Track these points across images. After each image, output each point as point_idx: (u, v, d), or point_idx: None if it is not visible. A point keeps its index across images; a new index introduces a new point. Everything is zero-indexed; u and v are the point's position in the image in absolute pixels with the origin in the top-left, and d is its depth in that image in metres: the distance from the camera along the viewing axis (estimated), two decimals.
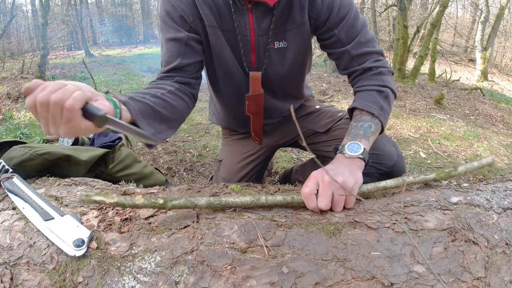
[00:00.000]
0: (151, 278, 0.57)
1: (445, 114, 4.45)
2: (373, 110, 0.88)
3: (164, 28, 0.96)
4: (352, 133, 0.86)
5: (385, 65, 0.98)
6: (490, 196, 0.75)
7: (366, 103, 0.90)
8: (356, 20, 0.96)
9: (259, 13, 0.94)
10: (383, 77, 0.95)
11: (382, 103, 0.90)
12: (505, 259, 0.64)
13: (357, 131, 0.85)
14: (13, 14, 8.25)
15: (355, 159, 0.79)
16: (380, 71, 0.95)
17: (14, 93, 5.31)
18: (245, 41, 0.98)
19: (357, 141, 0.82)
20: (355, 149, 0.80)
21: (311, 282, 0.58)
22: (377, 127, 0.87)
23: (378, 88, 0.93)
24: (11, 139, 1.00)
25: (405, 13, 6.19)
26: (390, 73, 0.98)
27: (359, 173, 0.75)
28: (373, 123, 0.87)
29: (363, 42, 0.96)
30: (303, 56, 1.07)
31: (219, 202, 0.68)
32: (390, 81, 0.95)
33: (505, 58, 14.51)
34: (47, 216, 0.65)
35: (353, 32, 0.96)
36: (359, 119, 0.89)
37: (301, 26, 0.97)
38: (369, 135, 0.85)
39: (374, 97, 0.91)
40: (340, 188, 0.68)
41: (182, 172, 2.20)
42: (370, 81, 0.95)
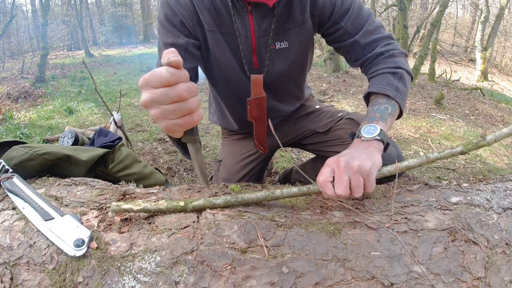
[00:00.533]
0: (151, 278, 0.57)
1: (445, 114, 4.45)
2: (388, 92, 0.86)
3: (162, 32, 0.95)
4: (368, 117, 0.83)
5: (397, 47, 0.96)
6: (490, 196, 0.75)
7: (381, 86, 0.88)
8: (361, 10, 0.95)
9: (259, 14, 0.93)
10: (395, 59, 0.93)
11: (397, 84, 0.88)
12: (505, 259, 0.64)
13: (373, 114, 0.83)
14: (13, 14, 8.25)
15: (372, 142, 0.76)
16: (392, 53, 0.94)
17: (14, 93, 5.31)
18: (246, 43, 0.98)
19: (374, 123, 0.80)
20: (371, 131, 0.78)
21: (311, 282, 0.58)
22: (394, 108, 0.85)
23: (391, 70, 0.91)
24: (11, 139, 1.00)
25: (405, 13, 6.18)
26: (403, 55, 0.96)
27: (377, 155, 0.72)
28: (390, 105, 0.85)
29: (371, 30, 0.95)
30: (305, 55, 1.07)
31: (235, 200, 0.69)
32: (403, 62, 0.93)
33: (505, 58, 14.51)
34: (47, 216, 0.65)
35: (359, 22, 0.95)
36: (375, 102, 0.87)
37: (302, 25, 0.97)
38: (386, 116, 0.82)
39: (388, 79, 0.89)
40: (356, 172, 0.65)
41: (182, 172, 2.20)
42: (383, 65, 0.93)
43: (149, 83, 0.51)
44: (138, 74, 7.75)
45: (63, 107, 4.45)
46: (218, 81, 1.09)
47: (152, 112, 0.53)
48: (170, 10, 0.92)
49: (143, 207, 0.66)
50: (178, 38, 0.93)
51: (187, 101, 0.53)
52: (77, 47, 16.39)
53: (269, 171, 2.08)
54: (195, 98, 0.54)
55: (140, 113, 3.98)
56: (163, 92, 0.51)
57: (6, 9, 12.04)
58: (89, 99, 5.02)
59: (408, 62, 0.97)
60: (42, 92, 5.63)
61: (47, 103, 4.96)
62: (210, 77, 1.11)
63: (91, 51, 12.98)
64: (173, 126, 0.55)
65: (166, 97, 0.51)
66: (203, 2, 0.92)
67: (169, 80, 0.51)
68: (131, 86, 6.09)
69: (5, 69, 9.04)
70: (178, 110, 0.53)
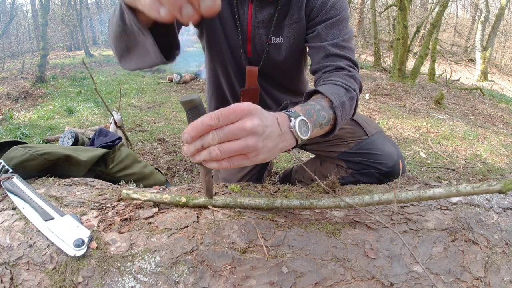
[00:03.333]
0: (151, 278, 0.57)
1: (445, 114, 4.45)
2: (333, 99, 0.76)
3: None
4: (307, 109, 0.70)
5: (358, 77, 0.90)
6: (490, 196, 0.75)
7: (330, 91, 0.79)
8: (342, 25, 0.95)
9: (258, 4, 0.95)
10: (355, 82, 0.87)
11: (345, 100, 0.79)
12: (505, 259, 0.64)
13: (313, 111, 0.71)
14: (13, 14, 8.25)
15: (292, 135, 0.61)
16: (354, 76, 0.88)
17: (14, 93, 5.31)
18: (242, 30, 1.00)
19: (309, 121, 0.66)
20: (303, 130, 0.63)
21: (311, 282, 0.58)
22: (329, 121, 0.74)
23: (346, 87, 0.83)
24: (11, 139, 1.00)
25: (405, 13, 6.18)
26: (361, 86, 0.91)
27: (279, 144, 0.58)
28: (327, 114, 0.73)
29: (342, 46, 0.93)
30: (300, 53, 1.08)
31: (234, 203, 0.71)
32: (358, 92, 0.88)
33: (505, 58, 14.51)
34: (47, 216, 0.65)
35: (335, 33, 0.94)
36: (318, 102, 0.75)
37: (297, 22, 0.98)
38: (317, 125, 0.70)
39: (340, 91, 0.81)
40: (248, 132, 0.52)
41: (182, 172, 2.20)
42: (341, 79, 0.86)
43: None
44: (138, 74, 7.75)
45: (63, 107, 4.45)
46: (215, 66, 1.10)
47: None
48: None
49: (149, 197, 0.71)
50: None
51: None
52: (77, 47, 16.39)
53: (269, 171, 2.08)
54: None
55: (140, 113, 3.98)
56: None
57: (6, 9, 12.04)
58: (89, 99, 5.02)
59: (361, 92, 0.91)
60: (42, 92, 5.63)
61: (47, 103, 4.96)
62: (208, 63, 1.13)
63: (91, 51, 12.99)
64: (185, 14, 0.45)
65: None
66: None
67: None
68: (131, 86, 6.09)
69: (5, 69, 9.04)
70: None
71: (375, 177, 1.01)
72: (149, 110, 4.17)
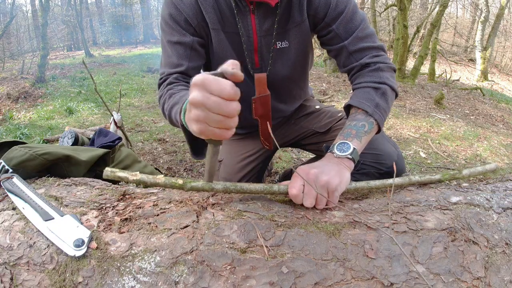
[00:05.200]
0: (151, 278, 0.57)
1: (445, 114, 4.45)
2: (367, 107, 0.85)
3: (167, 31, 0.95)
4: (344, 132, 0.83)
5: (385, 61, 0.94)
6: (490, 196, 0.75)
7: (361, 100, 0.87)
8: (354, 15, 0.94)
9: (261, 14, 0.94)
10: (381, 73, 0.91)
11: (378, 100, 0.87)
12: (505, 259, 0.64)
13: (350, 130, 0.83)
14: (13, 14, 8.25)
15: (344, 159, 0.77)
16: (378, 67, 0.92)
17: (14, 93, 5.31)
18: (248, 42, 0.98)
19: (348, 140, 0.80)
20: (345, 148, 0.79)
21: (311, 282, 0.58)
22: (372, 126, 0.84)
23: (374, 85, 0.89)
24: (11, 139, 1.00)
25: (405, 13, 6.18)
26: (389, 69, 0.93)
27: (346, 173, 0.74)
28: (367, 122, 0.84)
29: (361, 37, 0.94)
30: (305, 55, 1.07)
31: (234, 187, 0.71)
32: (389, 78, 0.91)
33: (505, 58, 14.51)
34: (47, 216, 0.65)
35: (351, 27, 0.94)
36: (353, 118, 0.86)
37: (301, 25, 0.97)
38: (361, 135, 0.82)
39: (370, 94, 0.88)
40: (323, 187, 0.69)
41: (182, 172, 2.20)
42: (367, 78, 0.91)
43: (209, 87, 0.51)
44: (138, 74, 7.75)
45: (63, 107, 4.45)
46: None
47: (196, 113, 0.53)
48: (175, 9, 0.92)
49: (139, 177, 0.64)
50: (184, 37, 0.93)
51: (233, 118, 0.54)
52: (77, 47, 16.40)
53: (269, 171, 2.09)
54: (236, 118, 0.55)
55: (140, 113, 3.98)
56: (218, 102, 0.51)
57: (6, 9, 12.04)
58: (89, 99, 5.02)
59: (394, 77, 0.94)
60: (42, 93, 5.63)
61: (47, 103, 4.96)
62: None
63: (91, 51, 12.99)
64: (208, 132, 0.55)
65: (219, 108, 0.51)
66: (208, 0, 0.92)
67: (230, 96, 0.51)
68: (131, 86, 6.09)
69: (5, 69, 9.05)
70: (221, 123, 0.53)
71: (375, 177, 1.01)
72: (149, 110, 4.17)
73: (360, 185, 0.77)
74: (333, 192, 0.69)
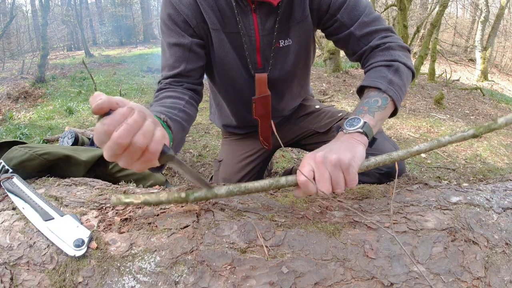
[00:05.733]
0: (151, 278, 0.57)
1: (445, 114, 4.45)
2: (379, 84, 0.81)
3: (166, 32, 0.94)
4: (356, 110, 0.79)
5: (396, 40, 0.91)
6: (490, 196, 0.75)
7: (373, 79, 0.84)
8: (358, 1, 0.93)
9: (262, 13, 0.93)
10: (392, 51, 0.88)
11: (391, 77, 0.82)
12: (505, 259, 0.64)
13: (362, 108, 0.78)
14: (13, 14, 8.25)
15: (354, 134, 0.71)
16: (388, 46, 0.89)
17: (14, 93, 5.31)
18: (250, 42, 0.98)
19: (359, 116, 0.75)
20: (355, 123, 0.73)
21: (311, 282, 0.58)
22: (386, 101, 0.79)
23: (386, 63, 0.86)
24: (11, 139, 1.00)
25: (405, 13, 6.18)
26: (401, 48, 0.90)
27: (359, 146, 0.67)
28: (381, 97, 0.79)
29: (367, 21, 0.92)
30: (307, 51, 1.07)
31: (238, 189, 0.64)
32: (401, 55, 0.88)
33: (505, 58, 14.51)
34: (47, 216, 0.65)
35: (355, 13, 0.92)
36: (366, 96, 0.82)
37: (303, 21, 0.97)
38: (374, 110, 0.77)
39: (382, 72, 0.84)
40: (335, 166, 0.61)
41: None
42: (378, 58, 0.89)
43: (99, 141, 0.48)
44: (138, 74, 7.75)
45: (63, 107, 4.45)
46: (220, 81, 1.09)
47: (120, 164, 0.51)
48: (173, 9, 0.91)
49: (143, 200, 0.63)
50: (182, 38, 0.92)
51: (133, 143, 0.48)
52: (77, 47, 16.40)
53: (269, 171, 2.08)
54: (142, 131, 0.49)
55: None
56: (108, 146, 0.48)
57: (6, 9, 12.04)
58: (89, 99, 5.01)
59: (409, 57, 0.91)
60: (42, 93, 5.63)
61: (47, 103, 4.96)
62: (212, 77, 1.11)
63: (91, 51, 12.99)
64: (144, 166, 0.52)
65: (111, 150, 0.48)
66: (207, 0, 0.91)
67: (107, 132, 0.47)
68: (131, 86, 6.09)
69: (5, 69, 9.05)
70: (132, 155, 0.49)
71: (375, 177, 1.01)
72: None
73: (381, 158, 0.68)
74: (347, 169, 0.61)
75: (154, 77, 7.11)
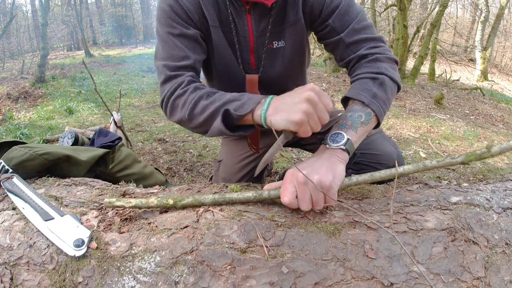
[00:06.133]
0: (151, 278, 0.57)
1: (445, 114, 4.45)
2: (363, 98, 0.81)
3: (168, 23, 0.90)
4: (339, 123, 0.80)
5: (383, 52, 0.90)
6: (490, 196, 0.75)
7: (357, 91, 0.83)
8: (350, 7, 0.92)
9: (257, 14, 0.93)
10: (379, 63, 0.87)
11: (375, 90, 0.82)
12: (505, 259, 0.64)
13: (345, 121, 0.79)
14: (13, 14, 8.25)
15: (337, 151, 0.73)
16: (376, 57, 0.88)
17: (14, 93, 5.31)
18: (244, 42, 0.97)
19: (343, 131, 0.76)
20: (338, 139, 0.75)
21: (311, 282, 0.58)
22: (369, 117, 0.80)
23: (371, 75, 0.85)
24: (11, 139, 1.00)
25: (405, 13, 6.18)
26: (389, 60, 0.90)
27: (339, 166, 0.70)
28: (364, 113, 0.80)
29: (358, 29, 0.92)
30: (301, 54, 1.07)
31: (223, 199, 0.70)
32: (388, 68, 0.87)
33: (505, 58, 14.51)
34: (47, 216, 0.65)
35: (347, 19, 0.92)
36: (350, 109, 0.82)
37: (296, 23, 0.97)
38: (357, 125, 0.78)
39: (367, 84, 0.84)
40: (316, 187, 0.65)
41: (182, 172, 2.20)
42: (364, 69, 0.88)
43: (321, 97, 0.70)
44: (138, 74, 7.75)
45: (63, 107, 4.45)
46: (219, 78, 1.08)
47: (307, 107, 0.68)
48: (175, 2, 0.89)
49: (134, 204, 0.68)
50: (187, 29, 0.90)
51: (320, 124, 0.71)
52: (77, 47, 16.40)
53: (269, 171, 2.08)
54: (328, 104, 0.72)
55: (140, 113, 3.98)
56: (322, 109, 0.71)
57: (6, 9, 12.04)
58: (89, 99, 5.02)
59: (395, 69, 0.91)
60: (42, 92, 5.63)
61: (47, 103, 4.96)
62: (210, 75, 1.11)
63: (91, 51, 12.98)
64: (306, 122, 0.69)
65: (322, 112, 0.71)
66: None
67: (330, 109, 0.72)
68: (131, 86, 6.09)
69: (5, 69, 9.05)
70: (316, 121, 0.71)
71: None
72: (149, 110, 4.17)
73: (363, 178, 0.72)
74: (328, 190, 0.65)
75: (154, 77, 7.11)
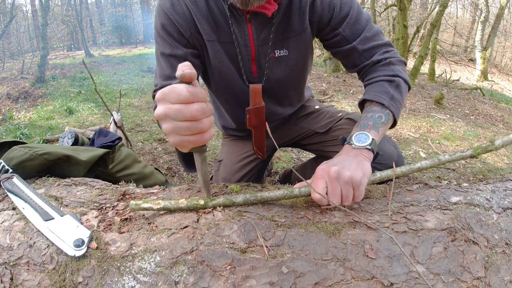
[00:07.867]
0: (151, 278, 0.57)
1: (445, 114, 4.45)
2: (383, 100, 0.86)
3: (160, 42, 0.93)
4: (361, 124, 0.83)
5: (395, 55, 0.95)
6: (490, 196, 0.75)
7: (376, 93, 0.88)
8: (360, 16, 0.94)
9: (257, 23, 0.92)
10: (393, 67, 0.92)
11: (393, 92, 0.88)
12: (505, 259, 0.64)
13: (366, 122, 0.83)
14: (13, 14, 8.25)
15: (363, 150, 0.76)
16: (390, 61, 0.93)
17: (14, 93, 5.31)
18: (245, 52, 0.97)
19: (366, 131, 0.80)
20: (363, 139, 0.78)
21: (311, 282, 0.58)
22: (388, 117, 0.85)
23: (388, 78, 0.90)
24: (11, 139, 1.00)
25: (405, 13, 6.18)
26: (401, 63, 0.95)
27: (367, 164, 0.73)
28: (383, 113, 0.85)
29: (369, 36, 0.94)
30: (304, 61, 1.06)
31: (255, 198, 0.70)
32: (401, 71, 0.92)
33: (505, 58, 14.51)
34: (47, 216, 0.65)
35: (358, 28, 0.94)
36: (369, 110, 0.87)
37: (302, 33, 0.96)
38: (378, 125, 0.82)
39: (384, 87, 0.89)
40: (347, 183, 0.67)
41: (182, 172, 2.20)
42: (380, 72, 0.93)
43: (167, 97, 0.53)
44: (138, 74, 7.75)
45: (63, 107, 4.45)
46: (218, 89, 1.08)
47: (165, 126, 0.55)
48: (167, 19, 0.89)
49: (163, 205, 0.67)
50: (176, 49, 0.92)
51: (200, 121, 0.54)
52: (77, 47, 16.40)
53: (269, 171, 2.08)
54: (208, 119, 0.56)
55: (140, 113, 3.98)
56: (178, 109, 0.52)
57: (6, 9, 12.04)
58: (89, 99, 5.02)
59: (406, 70, 0.96)
60: (42, 93, 5.63)
61: (47, 103, 4.96)
62: (209, 85, 1.11)
63: (91, 51, 12.99)
64: (183, 142, 0.56)
65: (181, 114, 0.53)
66: (201, 11, 0.90)
67: (187, 98, 0.52)
68: (131, 86, 6.09)
69: (5, 69, 9.05)
70: (190, 128, 0.54)
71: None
72: (149, 110, 4.17)
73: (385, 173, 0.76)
74: (358, 187, 0.67)
75: (154, 77, 7.10)
